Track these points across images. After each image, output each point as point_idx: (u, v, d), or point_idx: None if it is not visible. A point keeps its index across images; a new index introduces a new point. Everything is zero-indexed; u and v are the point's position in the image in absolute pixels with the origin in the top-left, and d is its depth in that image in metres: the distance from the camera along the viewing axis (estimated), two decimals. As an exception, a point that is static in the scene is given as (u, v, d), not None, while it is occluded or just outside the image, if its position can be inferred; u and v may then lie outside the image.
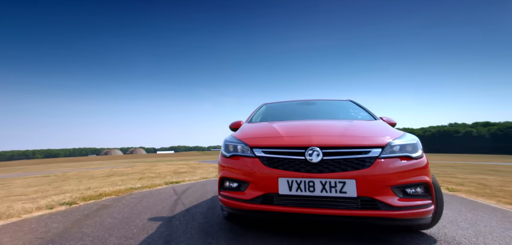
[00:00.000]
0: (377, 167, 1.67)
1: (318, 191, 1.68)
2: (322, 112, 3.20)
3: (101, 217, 2.76)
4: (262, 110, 3.43)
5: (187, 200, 3.62)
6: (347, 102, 3.36)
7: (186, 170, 9.51)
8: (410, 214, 1.63)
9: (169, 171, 9.41)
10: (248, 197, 1.87)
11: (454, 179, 6.27)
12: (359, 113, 2.93)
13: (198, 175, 7.51)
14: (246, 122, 2.97)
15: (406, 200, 1.65)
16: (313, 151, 1.75)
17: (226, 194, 2.03)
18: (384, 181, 1.64)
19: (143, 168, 11.74)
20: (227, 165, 2.07)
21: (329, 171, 1.70)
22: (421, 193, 1.71)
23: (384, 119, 2.71)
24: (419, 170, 1.71)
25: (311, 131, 2.04)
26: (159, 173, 8.41)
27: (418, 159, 1.76)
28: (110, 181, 6.41)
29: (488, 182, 5.74)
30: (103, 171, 11.03)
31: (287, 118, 2.94)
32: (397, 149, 1.76)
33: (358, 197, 1.64)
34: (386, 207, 1.62)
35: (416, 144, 1.83)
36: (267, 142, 1.97)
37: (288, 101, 3.70)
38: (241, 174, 1.94)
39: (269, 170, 1.81)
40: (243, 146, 2.04)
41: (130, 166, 13.69)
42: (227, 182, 2.06)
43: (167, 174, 8.14)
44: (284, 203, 1.76)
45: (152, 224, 2.46)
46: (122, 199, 3.79)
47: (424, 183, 1.71)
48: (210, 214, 2.81)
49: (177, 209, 3.08)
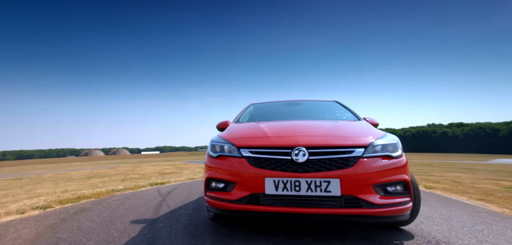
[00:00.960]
0: (360, 167, 1.72)
1: (303, 191, 1.70)
2: (308, 112, 3.26)
3: (79, 221, 2.62)
4: (249, 110, 3.43)
5: (172, 201, 3.53)
6: (332, 103, 3.44)
7: (171, 171, 9.29)
8: (390, 212, 1.69)
9: (154, 172, 9.15)
10: (235, 197, 1.86)
11: (431, 177, 6.63)
12: (343, 114, 3.01)
13: (184, 176, 7.36)
14: (233, 122, 2.96)
15: (386, 198, 1.71)
16: (299, 151, 1.77)
17: (212, 195, 2.01)
18: (367, 180, 1.70)
19: (127, 169, 11.32)
20: (213, 166, 2.05)
21: (314, 171, 1.73)
22: (401, 191, 1.78)
23: (368, 120, 2.80)
24: (399, 169, 1.79)
25: (297, 131, 2.07)
26: (143, 174, 8.14)
27: (398, 158, 1.83)
28: (90, 183, 6.11)
29: (461, 179, 6.13)
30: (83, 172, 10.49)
31: (274, 118, 2.96)
32: (379, 149, 1.82)
33: (342, 196, 1.68)
34: (368, 205, 1.67)
35: (396, 144, 1.91)
36: (254, 142, 1.98)
37: (275, 101, 3.73)
38: (227, 175, 1.93)
39: (256, 170, 1.82)
40: (230, 146, 2.03)
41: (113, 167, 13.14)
42: (213, 182, 2.04)
43: (152, 175, 7.91)
44: (270, 203, 1.77)
45: (134, 227, 2.37)
46: (102, 201, 3.62)
47: (403, 181, 1.78)
48: (196, 215, 2.76)
49: (161, 211, 2.99)
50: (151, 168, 11.52)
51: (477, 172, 8.83)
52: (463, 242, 1.90)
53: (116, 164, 18.69)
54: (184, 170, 9.88)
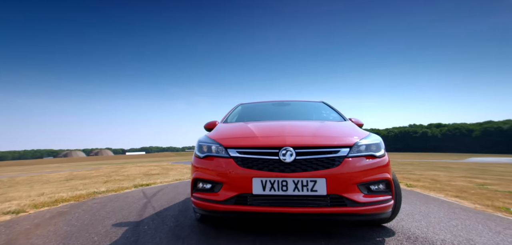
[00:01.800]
0: (345, 166, 1.76)
1: (290, 190, 1.72)
2: (296, 113, 3.30)
3: (56, 225, 2.48)
4: (237, 110, 3.42)
5: (158, 203, 3.44)
6: (319, 103, 3.51)
7: (158, 172, 9.05)
8: (373, 209, 1.75)
9: (139, 173, 8.86)
10: (222, 198, 1.85)
11: (412, 176, 6.94)
12: (330, 114, 3.08)
13: (171, 176, 7.19)
14: (221, 122, 2.94)
15: (370, 197, 1.77)
16: (287, 151, 1.79)
17: (199, 196, 1.98)
18: (351, 179, 1.74)
19: (110, 170, 10.88)
20: (200, 166, 2.03)
21: (301, 171, 1.75)
22: (383, 190, 1.84)
23: (353, 120, 2.88)
24: (381, 168, 1.85)
25: (285, 131, 2.09)
26: (127, 176, 7.87)
27: (381, 157, 1.90)
28: (69, 186, 5.81)
29: (439, 178, 6.48)
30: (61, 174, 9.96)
31: (262, 119, 2.96)
32: (363, 149, 1.87)
33: (327, 195, 1.71)
34: (353, 204, 1.72)
35: (380, 144, 1.98)
36: (241, 142, 1.97)
37: (264, 101, 3.74)
38: (215, 175, 1.91)
39: (243, 171, 1.81)
40: (217, 146, 2.01)
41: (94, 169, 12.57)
42: (200, 183, 2.02)
43: (137, 176, 7.66)
44: (257, 203, 1.77)
45: (116, 230, 2.28)
46: (82, 204, 3.46)
47: (385, 180, 1.85)
48: (182, 217, 2.70)
49: (146, 213, 2.90)
50: (136, 169, 11.15)
51: (453, 170, 9.36)
52: (439, 237, 2.01)
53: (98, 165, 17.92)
54: (171, 171, 9.66)
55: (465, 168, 10.92)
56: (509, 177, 7.01)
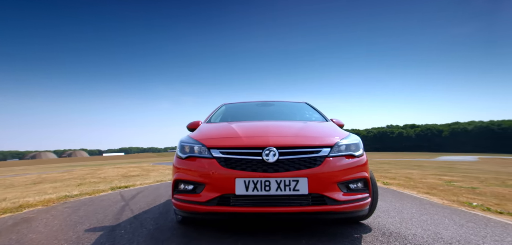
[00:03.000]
0: (326, 165, 1.81)
1: (273, 190, 1.73)
2: (279, 113, 3.33)
3: (20, 233, 2.28)
4: (221, 110, 3.39)
5: (136, 206, 3.30)
6: (302, 104, 3.57)
7: (138, 173, 8.68)
8: (352, 207, 1.81)
9: (117, 175, 8.44)
10: (204, 199, 1.81)
11: (388, 174, 7.33)
12: (312, 115, 3.15)
13: (151, 178, 6.94)
14: (205, 122, 2.89)
15: (349, 195, 1.83)
16: (270, 151, 1.80)
17: (181, 197, 1.94)
18: (332, 178, 1.79)
19: (84, 172, 10.23)
20: (182, 167, 1.98)
21: (284, 170, 1.77)
22: (361, 188, 1.92)
23: (334, 121, 2.96)
24: (360, 167, 1.92)
25: (268, 131, 2.10)
26: (104, 178, 7.45)
27: (359, 157, 1.97)
28: (37, 190, 5.37)
29: (413, 176, 6.91)
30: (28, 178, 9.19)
31: (246, 119, 2.96)
32: (343, 148, 1.94)
33: (309, 194, 1.74)
34: (333, 202, 1.77)
35: (358, 144, 2.06)
36: (225, 142, 1.96)
37: (248, 101, 3.74)
38: (197, 176, 1.87)
39: (226, 171, 1.80)
40: (200, 146, 1.98)
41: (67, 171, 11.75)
42: (182, 184, 1.97)
43: (115, 178, 7.28)
44: (240, 203, 1.76)
45: (90, 235, 2.15)
46: (52, 209, 3.21)
47: (363, 178, 1.92)
48: (162, 219, 2.61)
49: (123, 216, 2.77)
50: (114, 170, 10.61)
51: (425, 168, 10.03)
52: (411, 231, 2.14)
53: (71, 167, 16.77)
54: (152, 172, 9.32)
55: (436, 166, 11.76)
56: (472, 174, 7.67)
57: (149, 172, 9.34)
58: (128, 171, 9.78)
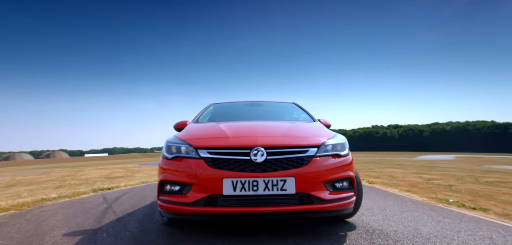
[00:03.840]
0: (313, 165, 1.84)
1: (261, 190, 1.73)
2: (268, 113, 3.34)
3: (-9, 239, 2.13)
4: (209, 110, 3.35)
5: (120, 208, 3.19)
6: (291, 104, 3.61)
7: (122, 175, 8.39)
8: (337, 206, 1.85)
9: (100, 176, 8.11)
10: (191, 200, 1.79)
11: (373, 173, 7.58)
12: (300, 115, 3.19)
13: (136, 179, 6.74)
14: (192, 122, 2.85)
15: (335, 194, 1.87)
16: (258, 151, 1.80)
17: (166, 198, 1.89)
18: (318, 177, 1.82)
19: (64, 174, 9.73)
20: (168, 168, 1.94)
21: (272, 170, 1.77)
22: (347, 187, 1.96)
23: (322, 121, 3.02)
24: (345, 167, 1.97)
25: (256, 131, 2.10)
26: (85, 179, 7.13)
27: (345, 156, 2.02)
28: (10, 193, 5.04)
29: (395, 174, 7.19)
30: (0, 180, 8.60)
31: (234, 119, 2.95)
32: (330, 148, 1.97)
33: (296, 194, 1.76)
34: (319, 201, 1.80)
35: (344, 144, 2.10)
36: (212, 142, 1.94)
37: (236, 101, 3.72)
38: (184, 177, 1.84)
39: (214, 171, 1.78)
40: (187, 147, 1.95)
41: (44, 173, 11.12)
42: (168, 185, 1.93)
43: (97, 180, 6.99)
44: (228, 204, 1.75)
45: (68, 240, 2.04)
46: (26, 213, 3.03)
47: (349, 177, 1.97)
48: (147, 221, 2.54)
49: (105, 219, 2.66)
50: (97, 172, 10.18)
51: (407, 167, 10.48)
52: (393, 228, 2.22)
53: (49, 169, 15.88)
54: (137, 173, 9.05)
55: (417, 165, 12.31)
56: (450, 172, 8.11)
57: (134, 173, 9.06)
58: (112, 172, 9.43)
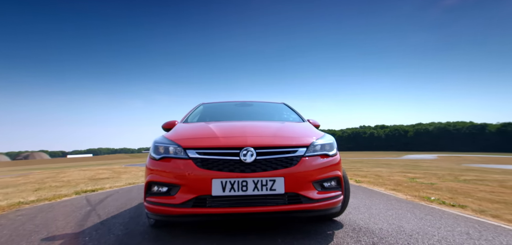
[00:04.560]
0: (302, 165, 1.85)
1: (250, 190, 1.73)
2: (258, 113, 3.35)
3: (-39, 247, 1.99)
4: (199, 110, 3.32)
5: (105, 210, 3.08)
6: (281, 105, 3.63)
7: (108, 176, 8.11)
8: (326, 205, 1.88)
9: (84, 178, 7.80)
10: (179, 201, 1.76)
11: (360, 173, 7.78)
12: (290, 116, 3.21)
13: (123, 180, 6.54)
14: (181, 122, 2.81)
15: (323, 193, 1.89)
16: (248, 151, 1.79)
17: (154, 200, 1.85)
18: (307, 177, 1.84)
19: (44, 176, 9.27)
20: (156, 168, 1.90)
21: (261, 170, 1.77)
22: (334, 186, 1.99)
23: (311, 121, 3.05)
24: (334, 166, 2.00)
25: (246, 132, 2.09)
26: (68, 181, 6.83)
27: (333, 156, 2.05)
28: (-14, 196, 4.74)
29: (382, 173, 7.42)
30: (-24, 182, 8.06)
31: (224, 119, 2.93)
32: (318, 148, 2.00)
33: (285, 193, 1.77)
34: (308, 201, 1.82)
35: (333, 143, 2.14)
36: (202, 143, 1.92)
37: (226, 101, 3.70)
38: (172, 177, 1.81)
39: (203, 172, 1.76)
40: (175, 147, 1.92)
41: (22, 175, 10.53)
42: (155, 186, 1.88)
43: (80, 181, 6.72)
44: (216, 204, 1.74)
45: (47, 245, 1.95)
46: (1, 218, 2.86)
47: (337, 177, 2.00)
48: (133, 223, 2.47)
49: (88, 222, 2.56)
50: (80, 173, 9.77)
51: (393, 166, 10.83)
52: (378, 226, 2.29)
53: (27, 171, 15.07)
54: (124, 174, 8.78)
55: (402, 164, 12.76)
56: (432, 171, 8.47)
57: (121, 174, 8.79)
58: (97, 174, 9.09)
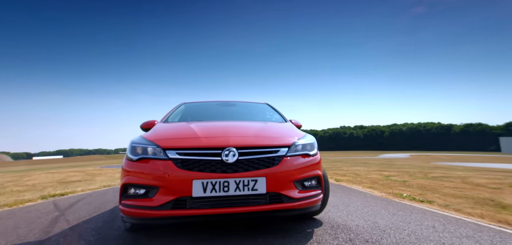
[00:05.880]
0: (284, 165, 1.87)
1: (232, 191, 1.71)
2: (240, 113, 3.33)
3: None
4: (180, 110, 3.23)
5: (75, 215, 2.87)
6: (263, 105, 3.65)
7: (80, 178, 7.59)
8: (306, 204, 1.92)
9: (52, 181, 7.21)
10: (157, 203, 1.69)
11: (340, 171, 8.07)
12: (273, 116, 3.24)
13: (97, 183, 6.16)
14: (161, 122, 2.71)
15: (304, 192, 1.93)
16: (230, 151, 1.78)
17: (130, 203, 1.76)
18: (289, 176, 1.86)
19: (5, 180, 8.43)
20: (133, 170, 1.82)
21: (243, 171, 1.76)
22: (315, 185, 2.04)
23: (293, 122, 3.10)
24: (314, 166, 2.05)
25: (228, 132, 2.07)
26: (33, 185, 6.28)
27: (314, 156, 2.10)
28: None
29: (360, 172, 7.76)
30: None
31: (206, 119, 2.88)
32: (300, 148, 2.03)
33: (267, 193, 1.78)
34: (289, 200, 1.84)
35: (313, 143, 2.19)
36: (182, 143, 1.87)
37: (209, 101, 3.64)
38: (150, 179, 1.74)
39: (183, 173, 1.72)
40: (154, 148, 1.85)
41: (-19, 177, 9.50)
42: (132, 188, 1.80)
43: (48, 185, 6.20)
44: (197, 206, 1.70)
45: (6, 256, 1.77)
46: (-48, 227, 2.54)
47: (317, 176, 2.05)
48: (107, 228, 2.33)
49: (55, 229, 2.37)
50: (48, 176, 9.04)
51: (370, 165, 11.39)
52: (355, 223, 2.39)
53: (-11, 173, 13.64)
54: (99, 176, 8.27)
55: (378, 163, 13.47)
56: (405, 169, 9.03)
57: (95, 176, 8.27)
58: (67, 176, 8.46)
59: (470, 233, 2.06)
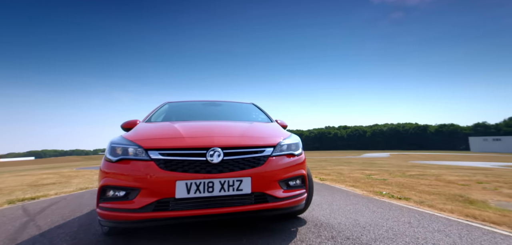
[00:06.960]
0: (269, 165, 1.87)
1: (217, 191, 1.69)
2: (226, 113, 3.30)
3: None
4: (164, 109, 3.13)
5: (47, 220, 2.68)
6: (249, 105, 3.64)
7: (54, 181, 7.12)
8: (290, 203, 1.93)
9: (21, 184, 6.70)
10: (138, 205, 1.63)
11: (324, 171, 8.27)
12: (259, 116, 3.24)
13: (73, 185, 5.81)
14: (144, 122, 2.61)
15: (288, 192, 1.94)
16: (215, 151, 1.75)
17: (108, 206, 1.68)
18: (274, 176, 1.87)
19: (-31, 181, 7.70)
20: (112, 171, 1.73)
21: (228, 171, 1.75)
22: (299, 184, 2.06)
23: (279, 122, 3.12)
24: (299, 165, 2.07)
25: (213, 132, 2.04)
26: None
27: (298, 155, 2.12)
28: None
29: (343, 171, 8.00)
30: None
31: (191, 118, 2.82)
32: (285, 148, 2.05)
33: (252, 193, 1.77)
34: (274, 199, 1.85)
35: (298, 143, 2.22)
36: (165, 143, 1.81)
37: (194, 101, 3.57)
38: (131, 181, 1.67)
39: (166, 174, 1.66)
40: (135, 148, 1.78)
41: None
42: (111, 191, 1.71)
43: (16, 188, 5.75)
44: (181, 207, 1.66)
45: (-35, 268, 1.61)
46: None
47: (301, 175, 2.08)
48: (83, 233, 2.20)
49: (24, 235, 2.20)
50: (17, 179, 8.38)
51: (353, 165, 11.79)
52: (337, 221, 2.45)
53: None
54: (75, 178, 7.82)
55: (360, 162, 13.98)
56: (385, 168, 9.46)
57: (71, 178, 7.81)
58: (39, 179, 7.91)
59: (441, 228, 2.20)
